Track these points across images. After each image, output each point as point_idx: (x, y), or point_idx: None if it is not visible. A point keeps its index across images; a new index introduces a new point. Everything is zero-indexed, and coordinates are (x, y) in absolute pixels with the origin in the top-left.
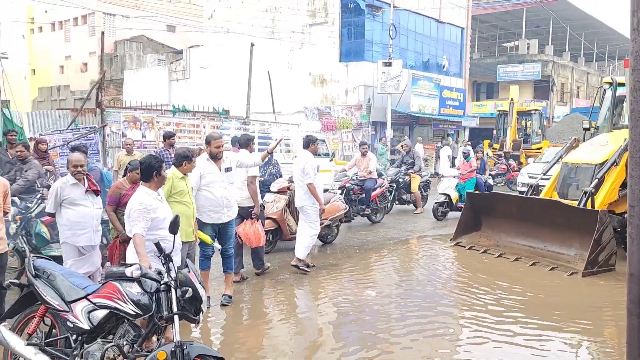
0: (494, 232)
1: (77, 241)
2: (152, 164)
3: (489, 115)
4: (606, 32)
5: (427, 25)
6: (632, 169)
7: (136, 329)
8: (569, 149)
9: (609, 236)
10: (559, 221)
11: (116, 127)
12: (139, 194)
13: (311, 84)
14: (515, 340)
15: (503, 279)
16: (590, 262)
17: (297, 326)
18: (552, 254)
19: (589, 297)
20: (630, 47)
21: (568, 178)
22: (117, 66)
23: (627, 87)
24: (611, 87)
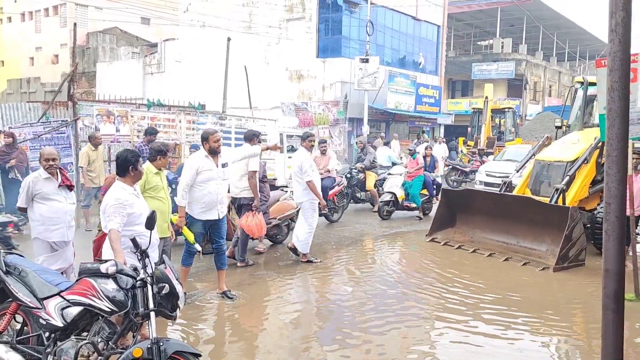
0: (469, 228)
1: (50, 237)
2: (128, 159)
3: (463, 113)
4: (578, 32)
5: (403, 22)
6: (608, 167)
7: (111, 325)
8: (542, 147)
9: (579, 232)
10: (532, 217)
11: (89, 121)
12: (114, 189)
13: (288, 79)
14: (486, 334)
15: (476, 274)
16: (561, 258)
17: (271, 323)
18: (524, 249)
19: (560, 292)
20: (608, 48)
21: (540, 175)
22: (89, 58)
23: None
24: (582, 87)
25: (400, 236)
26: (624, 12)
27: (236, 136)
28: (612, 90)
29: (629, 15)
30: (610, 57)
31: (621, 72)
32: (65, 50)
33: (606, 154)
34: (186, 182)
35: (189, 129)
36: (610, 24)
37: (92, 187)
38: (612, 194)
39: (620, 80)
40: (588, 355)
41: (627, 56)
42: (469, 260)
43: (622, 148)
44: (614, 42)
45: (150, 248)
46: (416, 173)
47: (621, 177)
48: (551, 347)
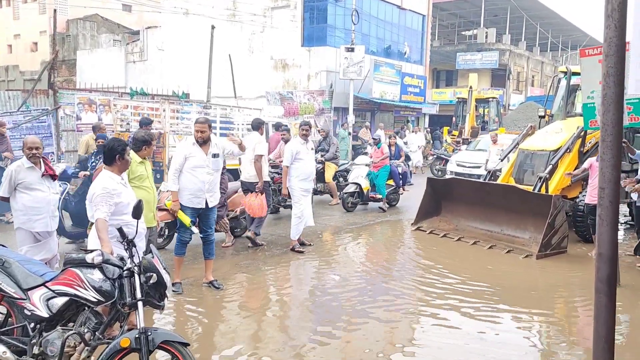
0: (453, 217)
1: (33, 227)
2: (114, 147)
3: (448, 103)
4: (560, 22)
5: (389, 11)
6: (603, 152)
7: (98, 316)
8: (525, 136)
9: (561, 220)
10: (515, 206)
11: (70, 110)
12: (102, 178)
13: (273, 68)
14: (470, 321)
15: (460, 262)
16: (544, 245)
17: (258, 312)
18: (508, 237)
19: (543, 279)
20: (604, 33)
21: (524, 164)
22: (69, 46)
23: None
24: (566, 76)
25: (365, 229)
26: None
27: (221, 125)
28: (607, 76)
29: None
30: (606, 43)
31: (617, 58)
32: (45, 38)
33: (601, 139)
34: (175, 167)
35: (173, 118)
36: (606, 9)
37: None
38: (607, 178)
39: (615, 66)
40: (572, 342)
41: (623, 42)
42: (453, 249)
43: (616, 133)
44: (609, 27)
45: (137, 237)
46: (382, 163)
47: (615, 163)
48: (535, 334)
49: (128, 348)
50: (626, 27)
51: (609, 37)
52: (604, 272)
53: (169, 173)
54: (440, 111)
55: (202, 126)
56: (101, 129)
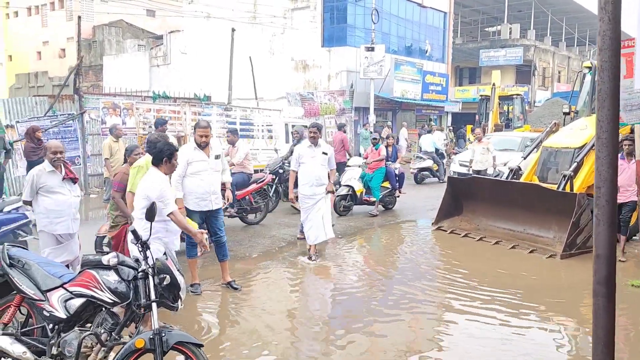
0: (475, 216)
1: (55, 229)
2: (163, 150)
3: (471, 100)
4: (587, 16)
5: (409, 9)
6: (598, 150)
7: (114, 317)
8: (549, 133)
9: (587, 219)
10: (538, 204)
11: (95, 114)
12: (153, 176)
13: (293, 69)
14: (494, 324)
15: (483, 262)
16: (568, 245)
17: (275, 313)
18: (531, 236)
19: (567, 278)
20: (599, 28)
21: (548, 162)
22: (96, 52)
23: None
24: (590, 72)
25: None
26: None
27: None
28: (601, 71)
29: None
30: (599, 36)
31: (611, 52)
32: (72, 44)
33: (596, 136)
34: (178, 173)
35: (194, 120)
36: (599, 1)
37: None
38: (602, 177)
39: (610, 60)
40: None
41: (617, 35)
42: (475, 249)
43: (612, 130)
44: (603, 20)
45: (174, 235)
46: (377, 165)
47: (611, 161)
48: (560, 335)
49: (143, 349)
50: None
51: (603, 31)
52: (602, 274)
53: (171, 180)
54: (463, 109)
55: (205, 131)
56: (117, 130)
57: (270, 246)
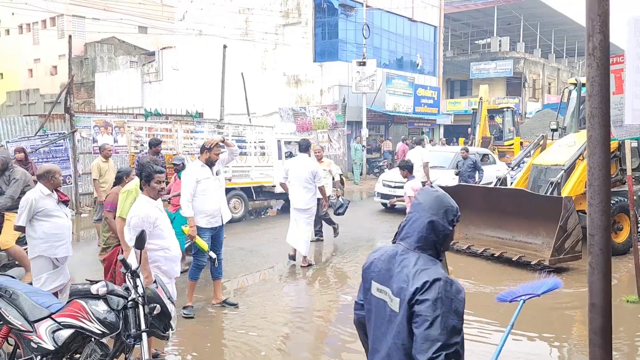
0: (463, 225)
1: (55, 253)
2: (139, 172)
3: (463, 113)
4: (575, 28)
5: (400, 24)
6: (590, 197)
7: (103, 347)
8: (537, 146)
9: (574, 223)
10: (526, 210)
11: (87, 133)
12: (140, 203)
13: (285, 84)
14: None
15: (470, 275)
16: (556, 249)
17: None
18: (519, 243)
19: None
20: (586, 73)
21: (538, 179)
22: (87, 69)
23: (587, 104)
24: (576, 88)
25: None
26: (601, 35)
27: None
28: (591, 117)
29: (606, 37)
30: (588, 83)
31: (601, 98)
32: (64, 62)
33: (588, 183)
34: (189, 192)
35: (186, 138)
36: (587, 47)
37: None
38: (596, 225)
39: (600, 106)
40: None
41: (607, 81)
42: (462, 260)
43: (604, 177)
44: (592, 66)
45: (173, 262)
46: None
47: (604, 208)
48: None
49: None
50: (609, 66)
51: (592, 77)
52: (597, 323)
53: (181, 200)
54: (455, 121)
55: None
56: (106, 149)
57: (263, 265)
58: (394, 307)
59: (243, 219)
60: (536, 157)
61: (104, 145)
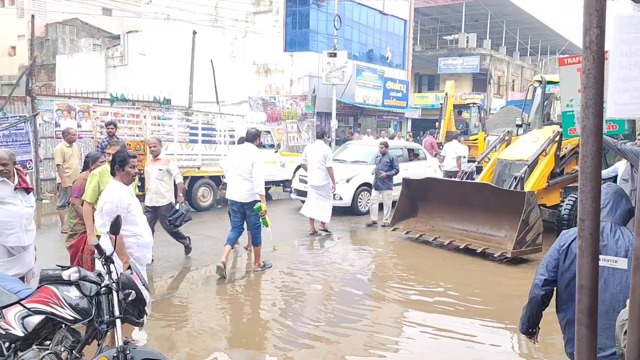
0: (430, 217)
1: (6, 241)
2: (113, 158)
3: (430, 107)
4: (539, 27)
5: (371, 16)
6: (582, 183)
7: (75, 334)
8: (502, 141)
9: (535, 217)
10: (490, 204)
11: (49, 116)
12: (112, 188)
13: (255, 73)
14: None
15: (431, 268)
16: (518, 242)
17: (244, 319)
18: (484, 236)
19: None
20: (582, 65)
21: (503, 174)
22: (48, 50)
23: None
24: (540, 85)
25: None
26: (598, 30)
27: (203, 132)
28: (586, 108)
29: (602, 32)
30: (584, 75)
31: (595, 90)
32: (23, 42)
33: (580, 170)
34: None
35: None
36: (584, 41)
37: (69, 185)
38: (587, 210)
39: (594, 97)
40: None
41: (601, 74)
42: (428, 251)
43: (596, 165)
44: (588, 59)
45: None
46: None
47: (595, 194)
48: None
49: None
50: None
51: (587, 69)
52: (585, 304)
53: (260, 180)
54: (422, 115)
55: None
56: (70, 134)
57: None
58: (621, 266)
59: (211, 208)
60: (501, 152)
61: (68, 129)
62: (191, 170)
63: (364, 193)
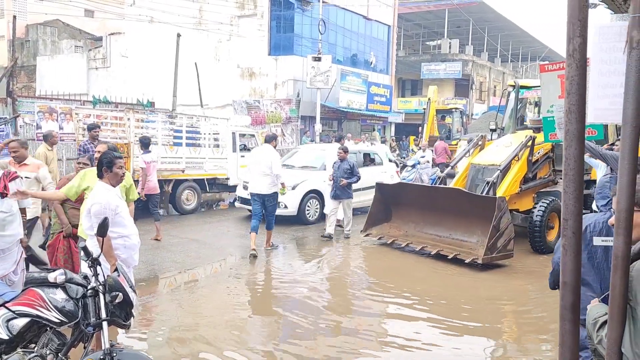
0: (403, 222)
1: None
2: (100, 159)
3: (413, 112)
4: (520, 34)
5: (355, 21)
6: (566, 185)
7: (61, 337)
8: (475, 146)
9: (506, 222)
10: (463, 209)
11: (30, 118)
12: (99, 190)
13: (240, 76)
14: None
15: (404, 273)
16: (489, 248)
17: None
18: (456, 241)
19: (488, 291)
20: (566, 72)
21: (476, 179)
22: (29, 52)
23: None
24: (514, 90)
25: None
26: (580, 39)
27: (187, 135)
28: (569, 113)
29: (585, 41)
30: (567, 81)
31: (578, 96)
32: (3, 43)
33: (564, 172)
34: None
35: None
36: (568, 49)
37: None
38: (570, 210)
39: (577, 103)
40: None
41: (584, 81)
42: (400, 258)
43: (578, 168)
44: (571, 66)
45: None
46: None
47: (577, 195)
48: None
49: None
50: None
51: (571, 76)
52: (568, 300)
53: (279, 171)
54: (405, 120)
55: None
56: (53, 137)
57: (217, 257)
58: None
59: (195, 211)
60: (475, 156)
61: (51, 132)
62: (175, 174)
63: (312, 201)
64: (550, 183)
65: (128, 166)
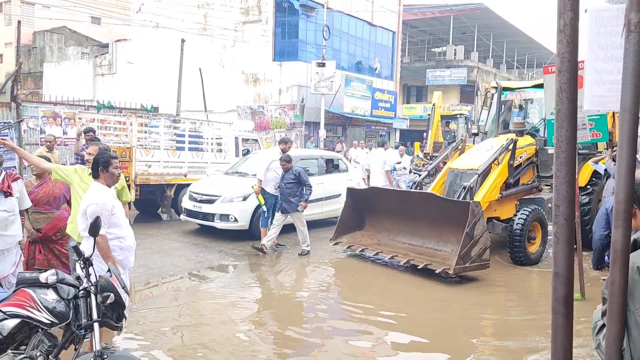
0: (376, 231)
1: None
2: (97, 159)
3: (418, 118)
4: (526, 41)
5: (359, 27)
6: (557, 169)
7: (51, 338)
8: (455, 149)
9: (481, 229)
10: (437, 216)
11: (34, 123)
12: (95, 191)
13: (244, 82)
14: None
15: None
16: (462, 257)
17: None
18: (429, 250)
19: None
20: (556, 48)
21: (454, 184)
22: (35, 58)
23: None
24: (497, 92)
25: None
26: (572, 13)
27: (190, 139)
28: (560, 92)
29: (576, 16)
30: (558, 58)
31: (569, 74)
32: (10, 50)
33: (555, 155)
34: (265, 166)
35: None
36: (558, 24)
37: None
38: (561, 196)
39: (568, 82)
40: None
41: (575, 57)
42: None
43: (570, 150)
44: (562, 42)
45: (129, 251)
46: None
47: (570, 180)
48: None
49: None
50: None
51: (562, 53)
52: (560, 292)
53: (260, 167)
54: (410, 126)
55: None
56: (47, 141)
57: (218, 261)
58: None
59: None
60: (454, 160)
61: (49, 136)
62: (178, 178)
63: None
64: (534, 190)
65: (130, 170)
